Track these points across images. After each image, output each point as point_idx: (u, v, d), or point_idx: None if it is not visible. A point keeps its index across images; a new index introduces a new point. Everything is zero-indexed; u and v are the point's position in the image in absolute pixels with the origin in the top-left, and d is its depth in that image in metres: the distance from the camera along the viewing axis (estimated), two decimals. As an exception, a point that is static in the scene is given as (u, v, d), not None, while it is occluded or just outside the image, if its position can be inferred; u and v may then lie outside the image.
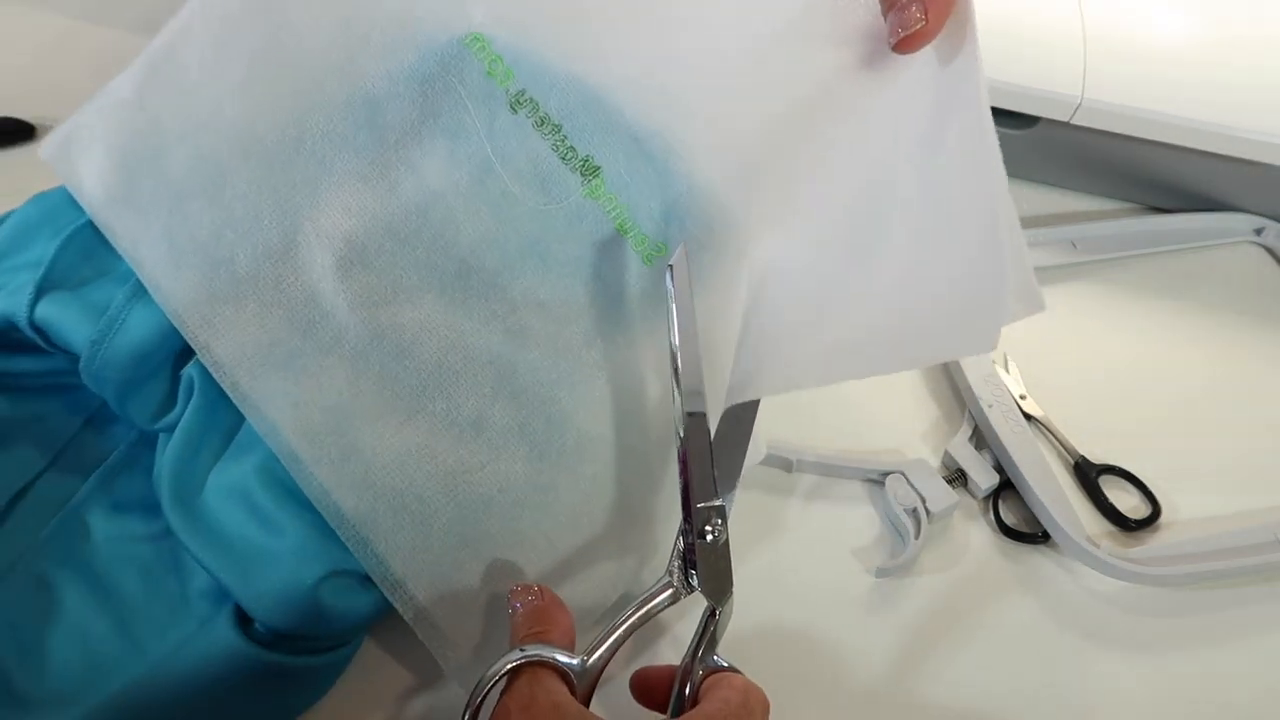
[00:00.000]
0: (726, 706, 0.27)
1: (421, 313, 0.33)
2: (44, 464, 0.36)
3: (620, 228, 0.34)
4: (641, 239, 0.35)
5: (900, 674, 0.36)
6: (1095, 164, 0.52)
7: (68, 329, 0.33)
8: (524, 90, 0.34)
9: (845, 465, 0.41)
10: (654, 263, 0.34)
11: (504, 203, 0.34)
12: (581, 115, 0.34)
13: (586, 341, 0.34)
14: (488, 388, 0.33)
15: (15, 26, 0.57)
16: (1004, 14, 0.50)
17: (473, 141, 0.33)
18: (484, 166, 0.33)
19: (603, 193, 0.34)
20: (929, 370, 0.45)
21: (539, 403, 0.33)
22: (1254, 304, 0.49)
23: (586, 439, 0.34)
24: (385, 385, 0.32)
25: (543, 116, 0.34)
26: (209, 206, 0.32)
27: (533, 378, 0.33)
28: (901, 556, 0.38)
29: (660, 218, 0.35)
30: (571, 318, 0.34)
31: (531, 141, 0.34)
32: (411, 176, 0.33)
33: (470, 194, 0.33)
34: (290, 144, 0.33)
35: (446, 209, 0.33)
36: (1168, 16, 0.51)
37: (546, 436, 0.33)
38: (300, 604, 0.30)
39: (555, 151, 0.34)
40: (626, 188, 0.34)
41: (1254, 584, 0.39)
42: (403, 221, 0.33)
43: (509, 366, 0.33)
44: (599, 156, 0.34)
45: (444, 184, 0.33)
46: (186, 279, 0.32)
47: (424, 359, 0.32)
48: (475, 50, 0.33)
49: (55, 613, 0.33)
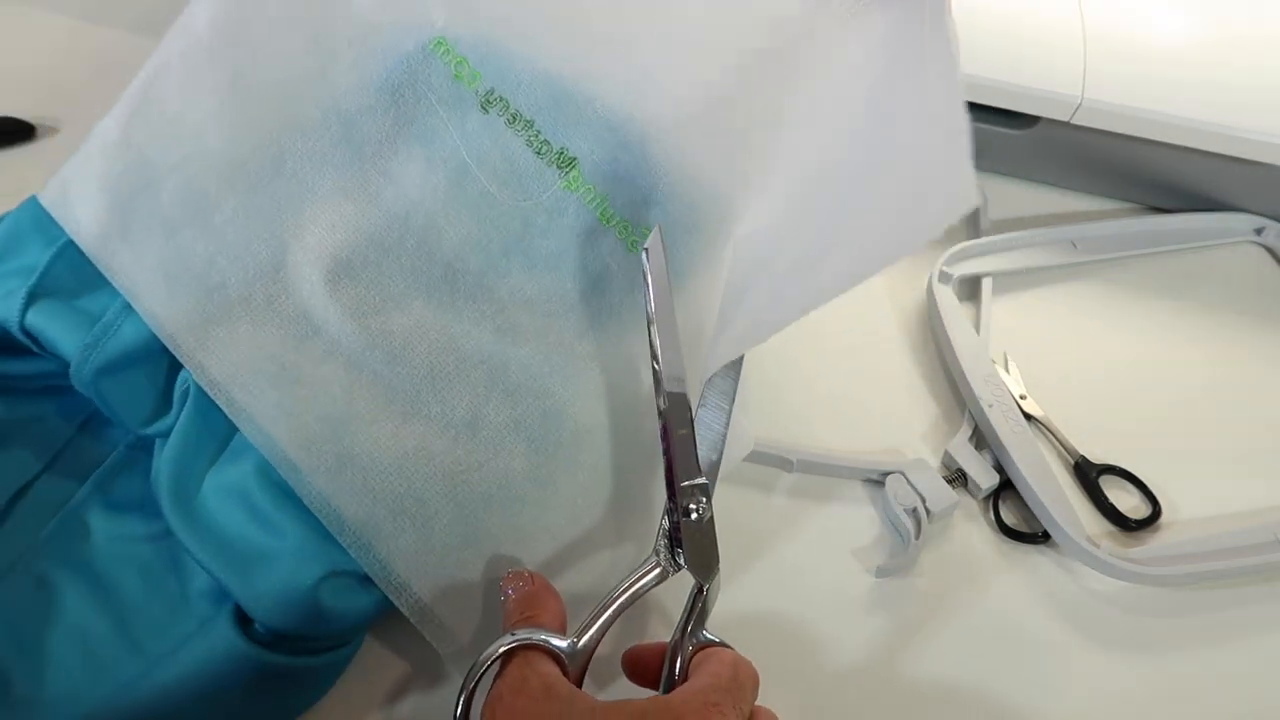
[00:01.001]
0: (716, 680, 0.27)
1: (411, 318, 0.33)
2: (41, 466, 0.36)
3: (602, 217, 0.35)
4: (624, 226, 0.35)
5: (900, 674, 0.36)
6: (1095, 164, 0.52)
7: (58, 336, 0.33)
8: (493, 89, 0.34)
9: (845, 465, 0.41)
10: (638, 249, 0.34)
11: (483, 203, 0.34)
12: (552, 109, 0.34)
13: (577, 334, 0.34)
14: (481, 387, 0.33)
15: (15, 26, 0.57)
16: (1004, 14, 0.51)
17: (447, 145, 0.34)
18: (460, 169, 0.34)
19: (581, 183, 0.34)
20: (929, 370, 0.45)
21: (533, 398, 0.33)
22: (1254, 304, 0.49)
23: (583, 431, 0.34)
24: (379, 391, 0.32)
25: (514, 113, 0.34)
26: (200, 235, 0.33)
27: (525, 374, 0.33)
28: (901, 556, 0.38)
29: (641, 202, 0.35)
30: (560, 311, 0.34)
31: (505, 139, 0.34)
32: (390, 186, 0.33)
33: (449, 198, 0.34)
34: (271, 166, 0.33)
35: (427, 215, 0.33)
36: (1168, 16, 0.51)
37: (543, 431, 0.33)
38: (300, 604, 0.30)
39: (530, 147, 0.34)
40: (604, 176, 0.34)
41: (1254, 584, 0.39)
42: (385, 231, 0.33)
43: (501, 365, 0.33)
44: (574, 148, 0.34)
45: (422, 190, 0.33)
46: (180, 306, 0.32)
47: (416, 363, 0.33)
48: (440, 55, 0.34)
49: (55, 613, 0.33)
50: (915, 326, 0.47)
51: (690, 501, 0.30)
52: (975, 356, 0.44)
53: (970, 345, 0.44)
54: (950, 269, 0.47)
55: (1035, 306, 0.48)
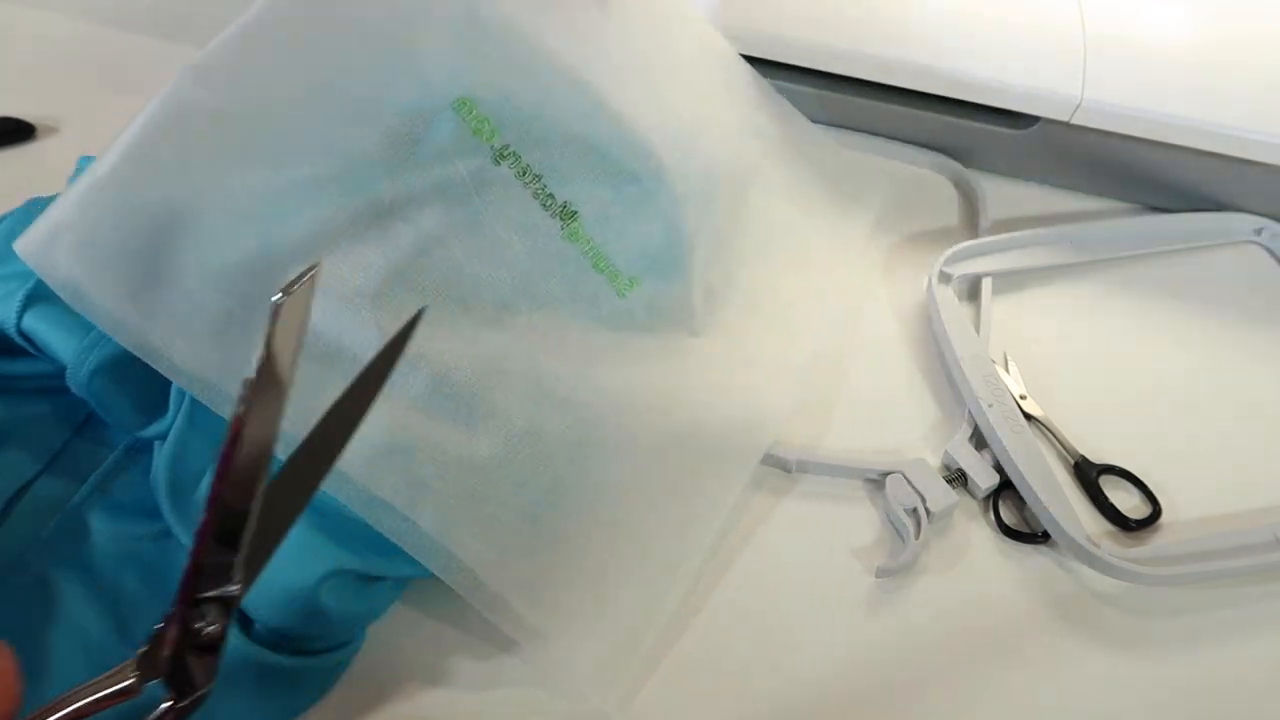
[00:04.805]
0: None
1: (443, 344, 0.34)
2: (41, 466, 0.36)
3: (595, 265, 0.38)
4: (615, 275, 0.39)
5: (900, 674, 0.36)
6: (1095, 164, 0.52)
7: (55, 339, 0.33)
8: (507, 145, 0.37)
9: (845, 465, 0.41)
10: (627, 295, 0.39)
11: (496, 248, 0.36)
12: (560, 165, 0.38)
13: (585, 366, 0.37)
14: (528, 399, 0.35)
15: (15, 26, 0.57)
16: (1004, 14, 0.51)
17: (462, 196, 0.36)
18: (474, 218, 0.36)
19: (581, 235, 0.38)
20: (929, 370, 0.45)
21: (572, 406, 0.36)
22: (1254, 304, 0.49)
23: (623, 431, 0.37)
24: (432, 412, 0.33)
25: (524, 167, 0.37)
26: (213, 286, 0.31)
27: (560, 384, 0.36)
28: (901, 556, 0.38)
29: (635, 254, 0.39)
30: (562, 349, 0.37)
31: (514, 191, 0.37)
32: (411, 231, 0.34)
33: (465, 241, 0.35)
34: (293, 215, 0.33)
35: (445, 256, 0.35)
36: (1168, 16, 0.51)
37: (586, 434, 0.36)
38: (301, 604, 0.30)
39: (536, 199, 0.37)
40: (602, 229, 0.38)
41: (1254, 584, 0.39)
42: (408, 267, 0.34)
43: (536, 377, 0.35)
44: (576, 202, 0.38)
45: (442, 234, 0.35)
46: (202, 356, 0.31)
47: (461, 383, 0.34)
48: (463, 113, 0.36)
49: (55, 613, 0.33)
50: (915, 326, 0.47)
51: (208, 620, 0.23)
52: (975, 356, 0.44)
53: (970, 345, 0.44)
54: (950, 269, 0.47)
55: (1035, 306, 0.48)
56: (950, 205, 0.53)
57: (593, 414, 0.36)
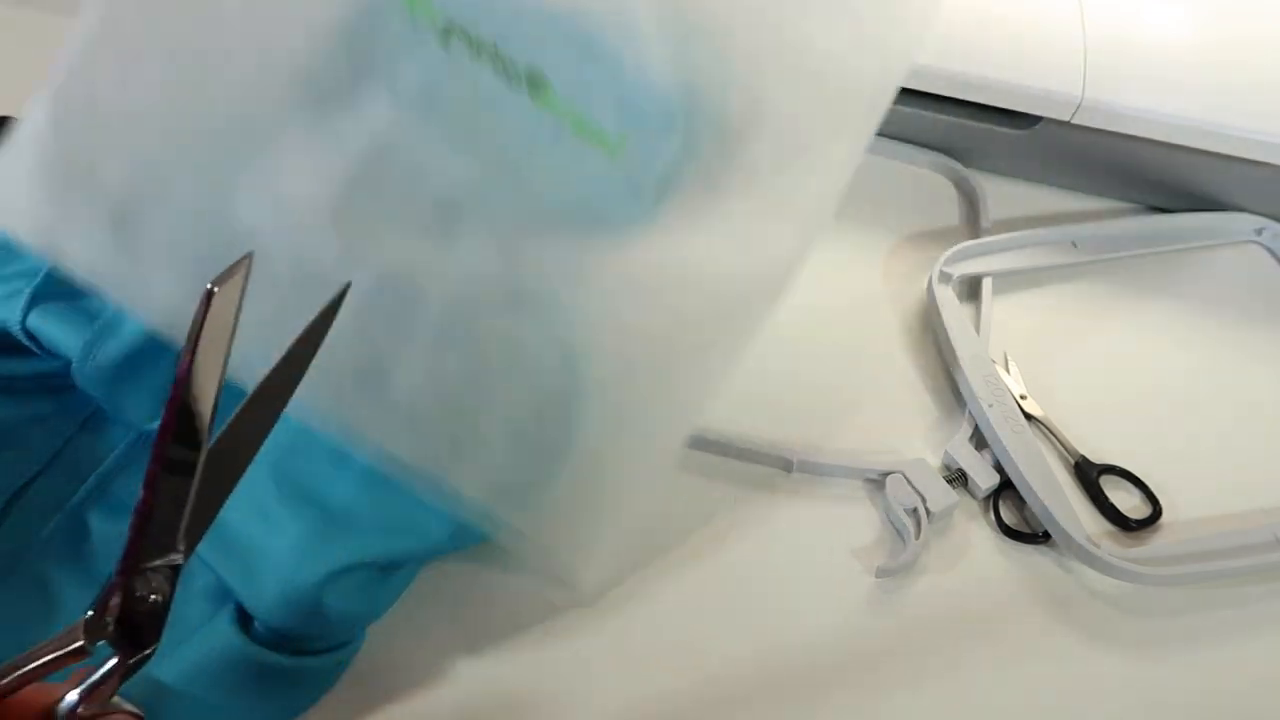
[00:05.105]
0: None
1: (413, 255, 0.32)
2: (41, 465, 0.36)
3: (577, 130, 0.34)
4: (602, 136, 0.34)
5: (901, 674, 0.36)
6: (1095, 164, 0.52)
7: (60, 335, 0.33)
8: (451, 20, 0.33)
9: (845, 465, 0.41)
10: (618, 157, 0.34)
11: (459, 136, 0.33)
12: (515, 30, 0.33)
13: (579, 249, 0.34)
14: (508, 310, 0.32)
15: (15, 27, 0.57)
16: (1004, 14, 0.51)
17: (412, 84, 0.33)
18: (427, 106, 0.33)
19: (554, 100, 0.34)
20: (929, 370, 0.45)
21: (559, 311, 0.33)
22: (1254, 304, 0.49)
23: (619, 334, 0.34)
24: (399, 329, 0.32)
25: (476, 42, 0.33)
26: (160, 212, 0.31)
27: (546, 295, 0.33)
28: (901, 556, 0.38)
29: (617, 110, 0.34)
30: (554, 231, 0.34)
31: (470, 70, 0.33)
32: (363, 132, 0.32)
33: (423, 136, 0.33)
34: (237, 132, 0.32)
35: (407, 155, 0.32)
36: (1168, 16, 0.51)
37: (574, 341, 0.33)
38: (301, 603, 0.30)
39: (497, 73, 0.33)
40: (577, 90, 0.34)
41: (1254, 584, 0.39)
42: (365, 174, 0.32)
43: (518, 288, 0.33)
44: (542, 66, 0.33)
45: (393, 131, 0.32)
46: (161, 293, 0.31)
47: (434, 297, 0.32)
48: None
49: (55, 613, 0.33)
50: (915, 326, 0.47)
51: (152, 588, 0.24)
52: (975, 356, 0.44)
53: (970, 345, 0.44)
54: (950, 269, 0.47)
55: (1035, 306, 0.48)
56: (950, 205, 0.53)
57: (582, 315, 0.33)
